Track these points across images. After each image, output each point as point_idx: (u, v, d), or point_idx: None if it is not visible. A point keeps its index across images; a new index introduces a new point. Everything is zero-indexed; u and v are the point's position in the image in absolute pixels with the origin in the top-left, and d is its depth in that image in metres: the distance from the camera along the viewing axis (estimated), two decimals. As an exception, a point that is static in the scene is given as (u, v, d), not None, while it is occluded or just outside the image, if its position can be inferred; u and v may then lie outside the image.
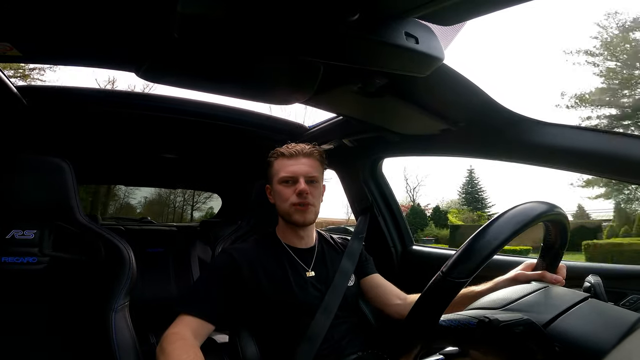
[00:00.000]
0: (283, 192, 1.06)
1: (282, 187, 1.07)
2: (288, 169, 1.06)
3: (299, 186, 1.04)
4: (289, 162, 1.07)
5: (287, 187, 1.06)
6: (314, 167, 1.08)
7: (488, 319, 0.53)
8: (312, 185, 1.06)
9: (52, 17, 0.73)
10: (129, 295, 1.01)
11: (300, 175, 1.05)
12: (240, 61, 0.87)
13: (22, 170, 0.99)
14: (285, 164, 1.07)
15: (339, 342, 1.00)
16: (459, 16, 0.63)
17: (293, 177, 1.06)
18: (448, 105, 1.03)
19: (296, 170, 1.06)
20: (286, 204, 1.06)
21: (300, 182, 1.05)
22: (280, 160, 1.09)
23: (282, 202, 1.07)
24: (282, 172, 1.06)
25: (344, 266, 1.12)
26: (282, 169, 1.07)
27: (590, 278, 0.66)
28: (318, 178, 1.09)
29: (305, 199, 1.04)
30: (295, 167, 1.06)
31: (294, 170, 1.06)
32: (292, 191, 1.05)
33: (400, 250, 1.58)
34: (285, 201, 1.06)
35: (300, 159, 1.07)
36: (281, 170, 1.07)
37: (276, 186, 1.08)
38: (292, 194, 1.05)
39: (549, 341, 0.51)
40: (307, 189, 1.04)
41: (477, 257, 0.55)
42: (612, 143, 0.83)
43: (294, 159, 1.07)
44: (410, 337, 0.56)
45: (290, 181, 1.06)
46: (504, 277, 0.87)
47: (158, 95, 1.36)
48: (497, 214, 0.59)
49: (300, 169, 1.06)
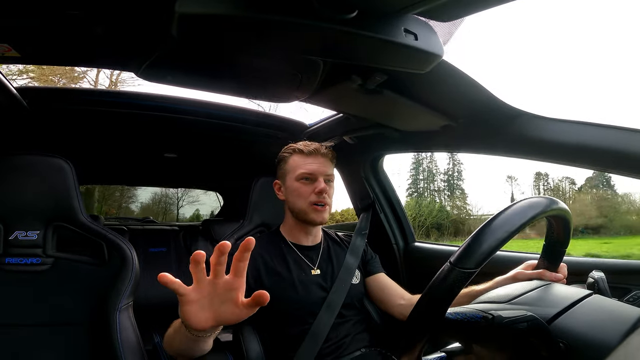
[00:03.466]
0: (301, 189, 1.04)
1: (300, 185, 1.05)
2: (308, 167, 1.04)
3: (318, 185, 1.03)
4: (308, 160, 1.05)
5: (306, 184, 1.04)
6: (329, 167, 1.08)
7: (492, 315, 0.53)
8: (328, 184, 1.06)
9: (50, 17, 0.72)
10: (132, 295, 1.01)
11: (320, 174, 1.04)
12: (239, 60, 0.87)
13: (23, 171, 1.00)
14: (304, 161, 1.05)
15: (343, 340, 1.01)
16: (458, 12, 0.63)
17: (313, 175, 1.04)
18: (448, 101, 1.02)
19: (316, 169, 1.04)
20: (304, 201, 1.04)
21: (320, 181, 1.04)
22: (297, 157, 1.07)
23: (298, 200, 1.05)
24: (301, 169, 1.05)
25: (347, 262, 1.12)
26: (301, 165, 1.05)
27: (594, 274, 0.66)
28: (333, 178, 1.09)
29: (324, 199, 1.04)
30: (314, 165, 1.05)
31: (314, 169, 1.04)
32: (311, 189, 1.03)
33: (403, 247, 1.58)
34: (303, 199, 1.04)
35: (319, 158, 1.06)
36: (299, 167, 1.05)
37: (292, 183, 1.06)
38: (311, 192, 1.03)
39: (553, 338, 0.51)
40: (327, 189, 1.04)
41: (485, 248, 0.54)
42: (614, 137, 0.83)
43: (313, 157, 1.06)
44: (416, 328, 0.56)
45: (309, 179, 1.04)
46: (504, 276, 0.87)
47: (158, 95, 1.36)
48: (506, 206, 0.59)
49: (319, 168, 1.05)
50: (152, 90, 1.43)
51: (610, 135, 0.84)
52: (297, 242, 1.11)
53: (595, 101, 18.45)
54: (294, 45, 0.66)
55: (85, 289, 1.01)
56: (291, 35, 0.62)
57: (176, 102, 1.38)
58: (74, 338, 0.97)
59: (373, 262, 1.21)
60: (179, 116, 1.43)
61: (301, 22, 0.58)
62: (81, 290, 1.00)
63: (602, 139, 0.84)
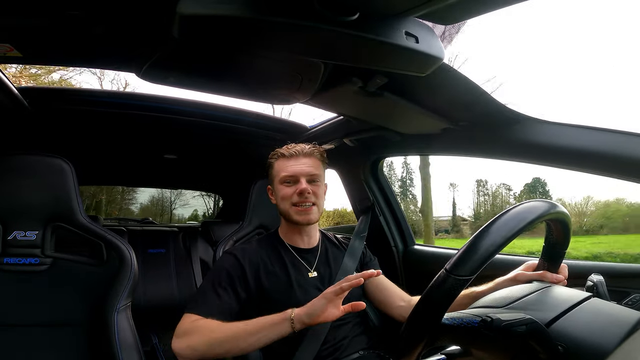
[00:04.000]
0: (284, 191, 1.06)
1: (282, 187, 1.07)
2: (289, 169, 1.06)
3: (299, 186, 1.04)
4: (289, 163, 1.07)
5: (288, 187, 1.06)
6: (315, 166, 1.08)
7: (490, 318, 0.53)
8: (314, 184, 1.07)
9: (52, 18, 0.73)
10: (131, 295, 1.01)
11: (301, 176, 1.05)
12: (240, 61, 0.87)
13: (23, 171, 1.00)
14: (286, 164, 1.07)
15: (341, 342, 1.00)
16: (459, 15, 0.63)
17: (294, 177, 1.06)
18: (449, 104, 1.02)
19: (297, 170, 1.06)
20: (287, 203, 1.06)
21: (301, 182, 1.05)
22: (280, 161, 1.09)
23: (282, 202, 1.07)
24: (283, 172, 1.07)
25: (345, 265, 1.12)
26: (283, 169, 1.07)
27: (593, 277, 0.66)
28: (319, 177, 1.09)
29: (307, 199, 1.05)
30: (296, 167, 1.06)
31: (294, 171, 1.06)
32: (293, 191, 1.05)
33: (402, 250, 1.57)
34: (286, 201, 1.06)
35: (301, 159, 1.07)
36: (282, 171, 1.07)
37: (277, 186, 1.08)
38: (293, 193, 1.05)
39: (552, 341, 0.51)
40: (309, 189, 1.04)
41: (480, 255, 0.54)
42: (614, 141, 0.83)
43: (294, 159, 1.07)
44: (413, 335, 0.56)
45: (291, 181, 1.06)
46: (504, 277, 0.87)
47: (158, 96, 1.36)
48: (501, 212, 0.59)
49: (301, 169, 1.06)
50: (153, 91, 1.43)
51: (610, 140, 0.84)
52: (294, 244, 1.11)
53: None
54: (294, 47, 0.67)
55: (84, 290, 1.00)
56: (292, 37, 0.63)
57: (176, 103, 1.38)
58: (72, 338, 0.97)
59: (372, 264, 1.21)
60: (179, 117, 1.43)
61: (302, 24, 0.58)
62: (79, 290, 1.00)
63: (602, 143, 0.84)
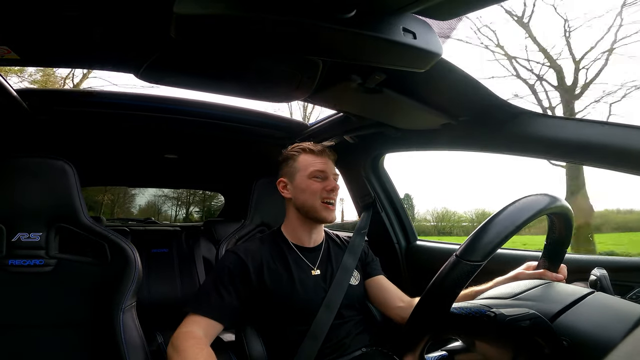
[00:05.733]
0: (313, 186, 1.06)
1: (312, 182, 1.07)
2: (320, 165, 1.08)
3: (330, 183, 1.07)
4: (319, 159, 1.09)
5: (318, 182, 1.07)
6: (334, 167, 1.12)
7: (494, 313, 0.52)
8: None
9: (50, 19, 0.72)
10: (135, 295, 1.02)
11: (330, 173, 1.08)
12: (239, 60, 0.86)
13: (26, 173, 1.00)
14: (315, 160, 1.09)
15: (343, 340, 1.01)
16: (456, 11, 0.63)
17: (324, 173, 1.08)
18: (448, 100, 1.02)
19: (326, 168, 1.09)
20: (315, 199, 1.06)
21: (331, 180, 1.08)
22: (307, 156, 1.10)
23: (310, 197, 1.07)
24: (313, 167, 1.08)
25: (345, 262, 1.12)
26: (313, 164, 1.08)
27: (596, 271, 0.66)
28: (338, 178, 1.12)
29: (334, 197, 1.08)
30: (325, 165, 1.09)
31: (325, 168, 1.08)
32: (323, 187, 1.06)
33: (405, 246, 1.57)
34: (316, 196, 1.06)
35: (327, 158, 1.10)
36: (311, 165, 1.08)
37: (304, 180, 1.08)
38: (322, 189, 1.06)
39: (556, 335, 0.51)
40: (338, 187, 1.08)
41: (492, 240, 0.54)
42: (614, 134, 0.82)
43: (323, 157, 1.10)
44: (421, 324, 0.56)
45: (321, 177, 1.08)
46: (504, 276, 0.88)
47: (158, 96, 1.36)
48: (512, 200, 0.59)
49: (330, 167, 1.09)
50: (152, 91, 1.43)
51: (611, 133, 0.83)
52: (299, 242, 1.11)
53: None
54: (292, 44, 0.66)
55: (89, 290, 1.01)
56: (290, 34, 0.62)
57: (176, 103, 1.38)
58: (78, 338, 0.97)
59: (373, 265, 1.20)
60: (179, 117, 1.43)
61: (300, 21, 0.58)
62: (84, 291, 1.01)
63: (603, 136, 0.84)
